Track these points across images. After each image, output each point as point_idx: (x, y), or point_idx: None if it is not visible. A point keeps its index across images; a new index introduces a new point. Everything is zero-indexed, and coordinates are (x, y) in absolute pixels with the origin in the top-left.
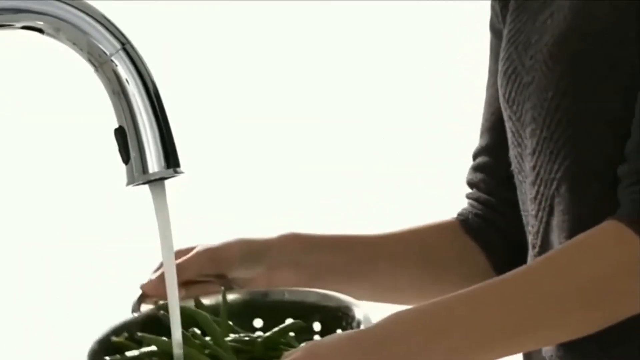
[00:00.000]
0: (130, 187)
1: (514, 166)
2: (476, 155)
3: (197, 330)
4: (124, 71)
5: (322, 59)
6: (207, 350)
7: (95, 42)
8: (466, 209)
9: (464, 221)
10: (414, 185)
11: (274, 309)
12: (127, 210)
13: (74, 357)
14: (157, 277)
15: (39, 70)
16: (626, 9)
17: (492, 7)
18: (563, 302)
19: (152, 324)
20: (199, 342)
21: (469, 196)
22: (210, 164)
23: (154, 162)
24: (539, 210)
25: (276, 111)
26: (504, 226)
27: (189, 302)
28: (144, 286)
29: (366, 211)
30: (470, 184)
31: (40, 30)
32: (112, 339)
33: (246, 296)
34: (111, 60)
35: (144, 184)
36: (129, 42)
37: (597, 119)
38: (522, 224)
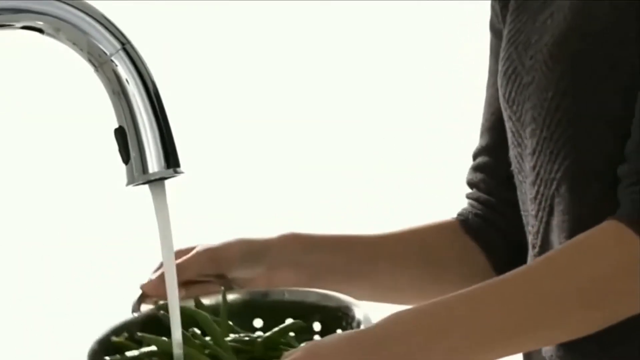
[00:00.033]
0: (130, 187)
1: (514, 166)
2: (476, 155)
3: (197, 331)
4: (124, 71)
5: (322, 59)
6: (207, 350)
7: (95, 42)
8: (466, 209)
9: (464, 221)
10: (413, 185)
11: (274, 309)
12: (127, 210)
13: (74, 357)
14: (157, 277)
15: (39, 70)
16: (626, 9)
17: (492, 7)
18: (563, 302)
19: (152, 324)
20: (199, 342)
21: (469, 196)
22: (210, 164)
23: (154, 162)
24: (539, 210)
25: (276, 111)
26: (504, 226)
27: (189, 302)
28: (144, 286)
29: (366, 211)
30: (470, 184)
31: (40, 30)
32: (112, 339)
33: (246, 296)
34: (111, 60)
35: (144, 184)
36: (129, 42)
37: (597, 119)
38: (522, 224)
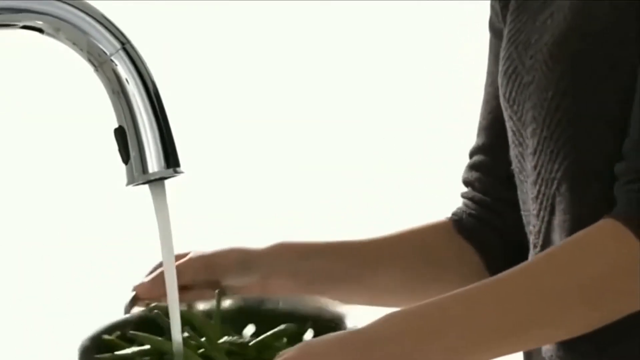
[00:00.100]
0: (130, 187)
1: (514, 165)
2: (472, 153)
3: (191, 332)
4: (124, 71)
5: (322, 59)
6: (200, 350)
7: (95, 42)
8: (460, 209)
9: (457, 221)
10: (413, 186)
11: (268, 317)
12: (127, 210)
13: (67, 355)
14: (150, 280)
15: (39, 70)
16: (626, 9)
17: (492, 6)
18: (564, 298)
19: (144, 325)
20: (194, 342)
21: (463, 195)
22: (210, 164)
23: (153, 162)
24: (540, 210)
25: (276, 111)
26: (500, 225)
27: (181, 307)
28: (136, 288)
29: (366, 211)
30: (466, 182)
31: (40, 30)
32: (104, 337)
33: (240, 303)
34: (111, 60)
35: (144, 184)
36: (128, 42)
37: (597, 119)
38: (519, 223)
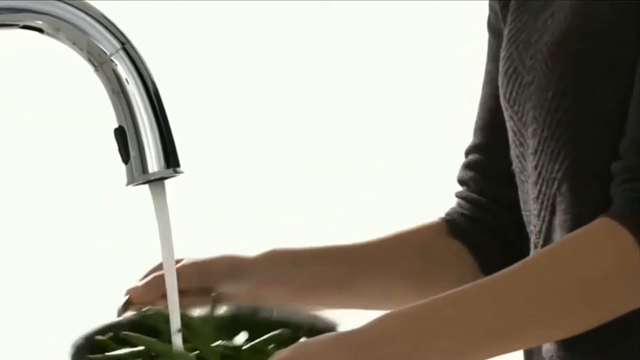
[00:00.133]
0: (130, 187)
1: (515, 166)
2: (468, 152)
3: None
4: (124, 71)
5: (322, 59)
6: (195, 352)
7: (95, 42)
8: (454, 209)
9: (450, 222)
10: (413, 186)
11: (261, 325)
12: (127, 210)
13: (62, 356)
14: (143, 284)
15: (39, 70)
16: (626, 9)
17: (492, 6)
18: (564, 296)
19: (136, 329)
20: (189, 345)
21: (458, 195)
22: (210, 164)
23: (153, 162)
24: (541, 210)
25: (276, 111)
26: (494, 225)
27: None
28: (130, 292)
29: (365, 211)
30: (461, 181)
31: (40, 30)
32: (97, 337)
33: (234, 311)
34: (111, 60)
35: (144, 183)
36: (128, 42)
37: (597, 119)
38: (514, 223)
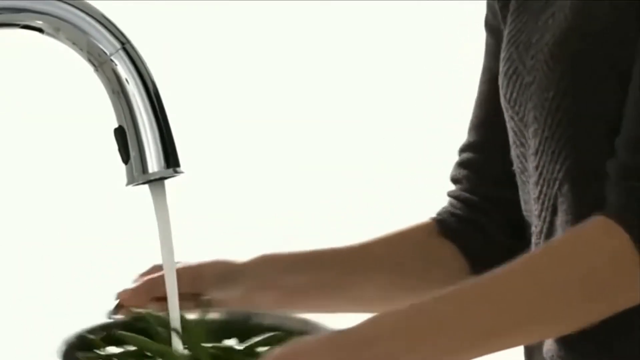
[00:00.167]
0: (130, 187)
1: (516, 166)
2: (462, 151)
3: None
4: (124, 71)
5: (322, 59)
6: (185, 350)
7: (95, 42)
8: (445, 208)
9: (440, 221)
10: (413, 186)
11: (253, 331)
12: (127, 210)
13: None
14: (133, 287)
15: (39, 70)
16: (626, 9)
17: (490, 6)
18: (560, 292)
19: (127, 331)
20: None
21: (450, 194)
22: (210, 164)
23: (153, 162)
24: (542, 210)
25: (276, 111)
26: (486, 225)
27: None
28: (120, 295)
29: (365, 212)
30: (454, 179)
31: (40, 30)
32: (88, 336)
33: (225, 316)
34: (111, 60)
35: (144, 183)
36: (128, 42)
37: (597, 119)
38: (507, 222)
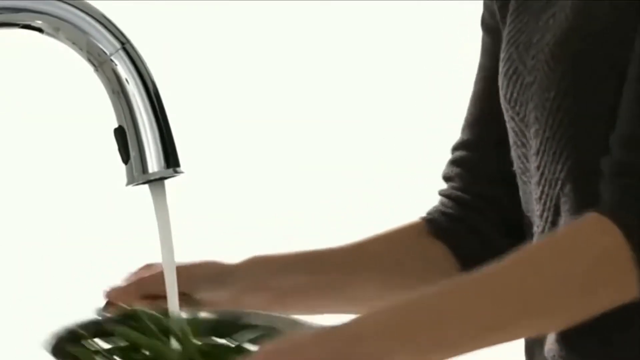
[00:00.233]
0: (130, 187)
1: (517, 166)
2: (455, 149)
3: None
4: (124, 71)
5: (321, 59)
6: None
7: (95, 42)
8: (435, 207)
9: (430, 221)
10: (414, 185)
11: (242, 331)
12: (127, 210)
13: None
14: (123, 286)
15: (39, 70)
16: (626, 9)
17: (487, 5)
18: (563, 285)
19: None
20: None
21: (441, 192)
22: (210, 164)
23: (153, 162)
24: (544, 210)
25: (276, 111)
26: (477, 224)
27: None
28: (108, 293)
29: (365, 212)
30: (446, 177)
31: (40, 30)
32: (78, 330)
33: (216, 317)
34: (111, 60)
35: (144, 183)
36: (128, 42)
37: (597, 118)
38: (500, 221)
